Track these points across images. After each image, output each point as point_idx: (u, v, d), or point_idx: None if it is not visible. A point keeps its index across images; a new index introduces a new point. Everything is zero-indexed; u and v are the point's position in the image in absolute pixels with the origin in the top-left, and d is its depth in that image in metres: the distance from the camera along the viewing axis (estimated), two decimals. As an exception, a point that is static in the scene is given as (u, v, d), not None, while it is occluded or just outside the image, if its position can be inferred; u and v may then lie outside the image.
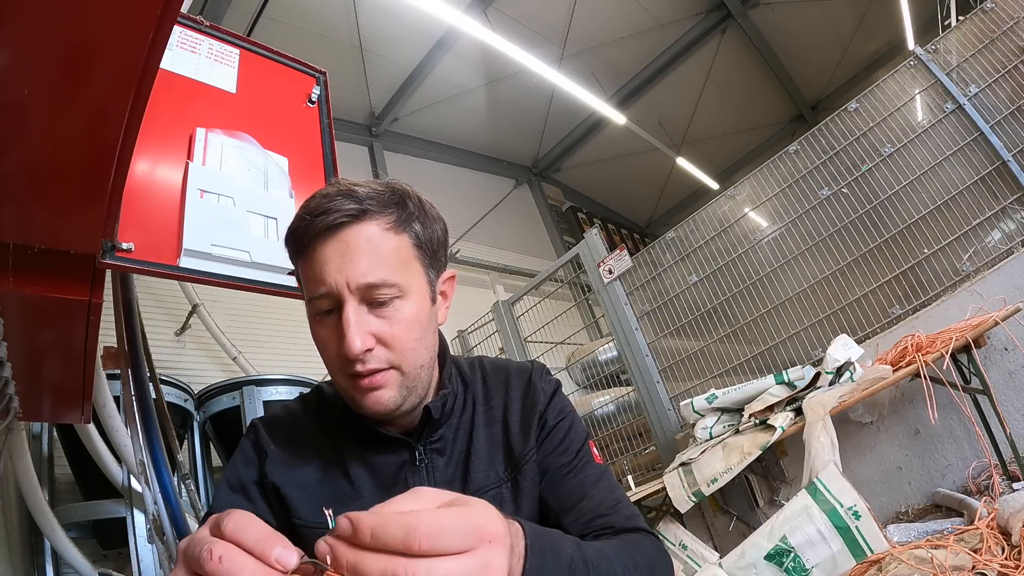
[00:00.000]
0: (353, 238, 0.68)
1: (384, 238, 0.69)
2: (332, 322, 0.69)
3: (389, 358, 0.69)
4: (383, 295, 0.68)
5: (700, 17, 7.64)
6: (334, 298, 0.68)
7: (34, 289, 0.92)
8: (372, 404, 0.70)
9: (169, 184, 1.18)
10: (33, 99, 0.64)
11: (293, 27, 5.59)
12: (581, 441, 0.82)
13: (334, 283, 0.67)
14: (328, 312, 0.70)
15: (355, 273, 0.67)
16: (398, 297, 0.69)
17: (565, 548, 0.54)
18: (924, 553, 1.70)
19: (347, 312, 0.67)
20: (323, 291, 0.68)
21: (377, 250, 0.68)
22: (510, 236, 8.15)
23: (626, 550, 0.66)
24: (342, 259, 0.67)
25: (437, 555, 0.37)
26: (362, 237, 0.68)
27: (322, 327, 0.71)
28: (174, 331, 4.19)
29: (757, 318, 3.14)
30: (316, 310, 0.70)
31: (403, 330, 0.70)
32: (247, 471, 0.77)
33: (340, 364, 0.69)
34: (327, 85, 1.65)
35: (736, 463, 2.41)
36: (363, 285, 0.67)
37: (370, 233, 0.69)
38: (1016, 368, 2.31)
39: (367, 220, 0.69)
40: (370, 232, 0.69)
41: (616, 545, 0.67)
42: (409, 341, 0.70)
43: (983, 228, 2.60)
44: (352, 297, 0.67)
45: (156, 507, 1.68)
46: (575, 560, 0.54)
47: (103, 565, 2.60)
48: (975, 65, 2.73)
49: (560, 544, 0.54)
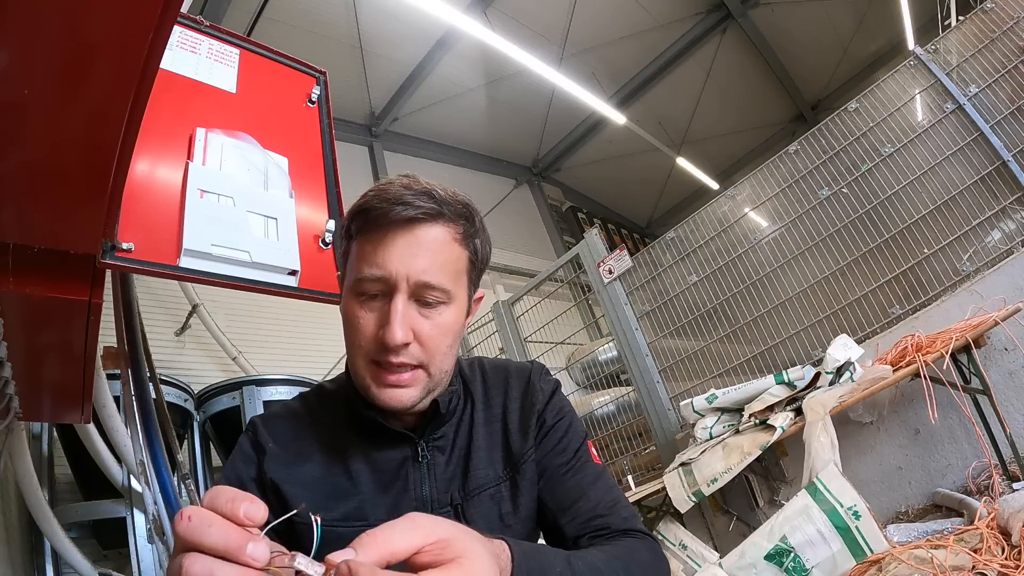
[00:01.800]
0: (424, 235, 0.70)
1: (450, 245, 0.72)
2: (376, 306, 0.70)
3: (421, 357, 0.71)
4: (433, 297, 0.70)
5: (700, 17, 7.64)
6: (388, 285, 0.69)
7: (34, 289, 0.92)
8: (390, 399, 0.71)
9: (169, 184, 1.18)
10: (33, 99, 0.64)
11: (293, 27, 5.59)
12: (580, 441, 0.82)
13: (394, 271, 0.68)
14: (373, 296, 0.71)
15: (416, 268, 0.69)
16: (444, 303, 0.72)
17: (554, 567, 0.55)
18: (924, 553, 1.70)
19: (396, 302, 0.68)
20: (379, 274, 0.69)
21: (441, 253, 0.71)
22: (510, 236, 8.15)
23: (620, 559, 0.67)
24: (408, 252, 0.69)
25: None
26: (431, 237, 0.70)
27: (364, 309, 0.71)
28: (174, 331, 4.19)
29: (757, 318, 3.14)
30: (361, 291, 0.71)
31: (440, 334, 0.72)
32: (245, 468, 0.77)
33: (372, 349, 0.70)
34: (327, 85, 1.65)
35: (736, 463, 2.41)
36: (421, 282, 0.69)
37: (440, 236, 0.71)
38: (1016, 368, 2.31)
39: (441, 223, 0.71)
40: (440, 235, 0.71)
41: (610, 555, 0.67)
42: (442, 346, 0.72)
43: (983, 228, 2.60)
44: (406, 290, 0.69)
45: (156, 507, 1.68)
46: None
47: (103, 565, 2.60)
48: (975, 65, 2.73)
49: (549, 562, 0.54)
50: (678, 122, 9.16)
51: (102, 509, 2.55)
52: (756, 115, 9.50)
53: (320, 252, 1.36)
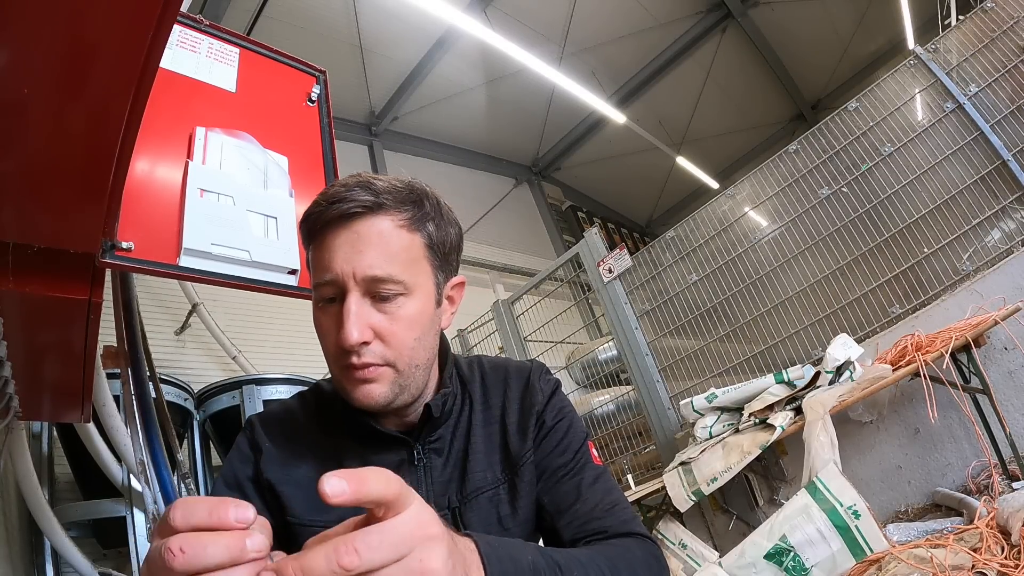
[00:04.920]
0: (365, 230, 0.68)
1: (396, 234, 0.69)
2: (334, 311, 0.69)
3: (385, 355, 0.69)
4: (387, 290, 0.68)
5: (700, 16, 7.64)
6: (339, 286, 0.68)
7: (34, 288, 0.92)
8: (362, 397, 0.69)
9: (169, 183, 1.18)
10: (33, 98, 0.64)
11: (293, 26, 5.59)
12: (580, 442, 0.81)
13: (340, 272, 0.67)
14: (331, 300, 0.70)
15: (362, 264, 0.67)
16: (402, 294, 0.69)
17: (524, 554, 0.53)
18: (924, 552, 1.70)
19: (349, 302, 0.67)
20: (328, 278, 0.68)
21: (387, 245, 0.68)
22: (510, 235, 8.15)
23: (606, 555, 0.65)
24: (351, 249, 0.67)
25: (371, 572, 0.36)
26: (374, 230, 0.68)
27: (324, 314, 0.71)
28: (174, 330, 4.19)
29: (757, 317, 3.14)
30: (320, 297, 0.71)
31: (403, 328, 0.69)
32: (243, 468, 0.76)
33: (336, 354, 0.69)
34: (327, 84, 1.65)
35: (736, 462, 2.41)
36: (368, 277, 0.67)
37: (382, 227, 0.69)
38: (1016, 368, 2.31)
39: (381, 214, 0.69)
40: (382, 226, 0.69)
41: (597, 550, 0.66)
42: (408, 340, 0.70)
43: (983, 227, 2.60)
44: (356, 288, 0.67)
45: (156, 506, 1.68)
46: (537, 564, 0.54)
47: (103, 564, 2.60)
48: (975, 64, 2.73)
49: (519, 550, 0.53)
50: (678, 121, 9.16)
51: (102, 508, 2.55)
52: (756, 114, 9.50)
53: (320, 251, 1.35)
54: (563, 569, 0.57)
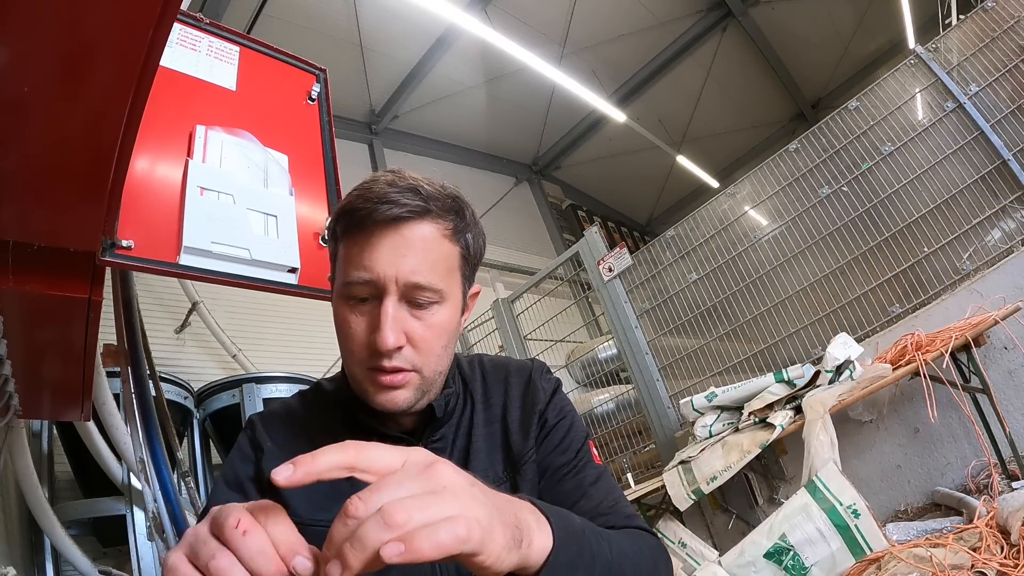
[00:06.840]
0: (411, 234, 0.67)
1: (439, 243, 0.69)
2: (366, 310, 0.68)
3: (414, 360, 0.69)
4: (424, 297, 0.68)
5: (700, 15, 7.63)
6: (377, 288, 0.67)
7: (34, 287, 0.92)
8: (386, 401, 0.69)
9: (169, 181, 1.17)
10: (33, 97, 0.64)
11: (293, 24, 5.58)
12: (581, 441, 0.81)
13: (382, 274, 0.66)
14: (363, 300, 0.69)
15: (405, 269, 0.66)
16: (437, 303, 0.69)
17: (572, 516, 0.56)
18: (923, 552, 1.71)
19: (387, 306, 0.66)
20: (367, 278, 0.67)
21: (430, 252, 0.68)
22: (510, 234, 8.14)
23: (622, 534, 0.66)
24: (396, 252, 0.66)
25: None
26: (419, 236, 0.67)
27: (354, 313, 0.69)
28: (174, 329, 4.19)
29: (757, 316, 3.15)
30: (350, 294, 0.69)
31: (434, 335, 0.70)
32: (244, 467, 0.76)
33: (364, 355, 0.69)
34: (327, 83, 1.65)
35: (735, 461, 2.41)
36: (411, 283, 0.66)
37: (428, 233, 0.68)
38: (1016, 367, 2.31)
39: (428, 220, 0.68)
40: (428, 232, 0.68)
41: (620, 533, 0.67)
42: (436, 347, 0.70)
43: (983, 227, 2.60)
44: (395, 292, 0.67)
45: (156, 505, 1.68)
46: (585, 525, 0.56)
47: (103, 563, 2.60)
48: (975, 64, 2.73)
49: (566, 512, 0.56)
50: (678, 120, 9.15)
51: (102, 507, 2.56)
52: (756, 113, 9.49)
53: (320, 249, 1.35)
54: (602, 536, 0.58)
